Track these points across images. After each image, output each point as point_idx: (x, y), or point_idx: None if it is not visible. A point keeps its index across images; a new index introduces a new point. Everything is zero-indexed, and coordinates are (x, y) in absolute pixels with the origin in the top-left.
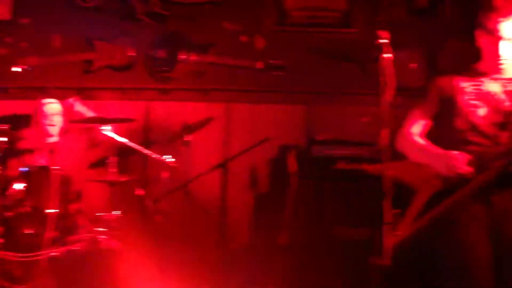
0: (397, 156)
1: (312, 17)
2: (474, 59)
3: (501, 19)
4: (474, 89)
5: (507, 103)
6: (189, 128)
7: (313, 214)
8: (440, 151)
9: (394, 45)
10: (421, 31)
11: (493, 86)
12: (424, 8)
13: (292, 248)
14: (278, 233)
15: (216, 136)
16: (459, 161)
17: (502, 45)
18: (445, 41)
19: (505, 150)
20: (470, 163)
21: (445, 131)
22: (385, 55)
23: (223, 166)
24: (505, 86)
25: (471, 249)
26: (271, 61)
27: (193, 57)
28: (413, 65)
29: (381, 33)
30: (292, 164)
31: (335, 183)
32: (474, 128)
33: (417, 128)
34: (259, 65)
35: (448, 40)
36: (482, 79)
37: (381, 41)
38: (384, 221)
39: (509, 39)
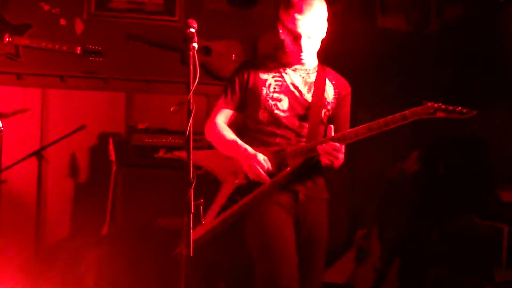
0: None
1: (133, 3)
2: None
3: (297, 15)
4: (276, 80)
5: (307, 95)
6: (1, 115)
7: (133, 204)
8: (245, 151)
9: (216, 35)
10: (242, 21)
11: (294, 78)
12: None
13: (112, 238)
14: (100, 224)
15: (31, 122)
16: (261, 165)
17: (300, 41)
18: (265, 32)
19: (303, 148)
20: (270, 161)
21: (250, 122)
22: (192, 44)
23: (37, 154)
24: (305, 78)
25: (277, 230)
26: (89, 46)
27: (8, 39)
28: (234, 56)
29: (190, 21)
30: (111, 152)
31: (155, 172)
32: (277, 120)
33: (221, 118)
34: (78, 50)
35: (267, 31)
36: (284, 70)
37: (190, 30)
38: (189, 211)
39: (307, 36)
